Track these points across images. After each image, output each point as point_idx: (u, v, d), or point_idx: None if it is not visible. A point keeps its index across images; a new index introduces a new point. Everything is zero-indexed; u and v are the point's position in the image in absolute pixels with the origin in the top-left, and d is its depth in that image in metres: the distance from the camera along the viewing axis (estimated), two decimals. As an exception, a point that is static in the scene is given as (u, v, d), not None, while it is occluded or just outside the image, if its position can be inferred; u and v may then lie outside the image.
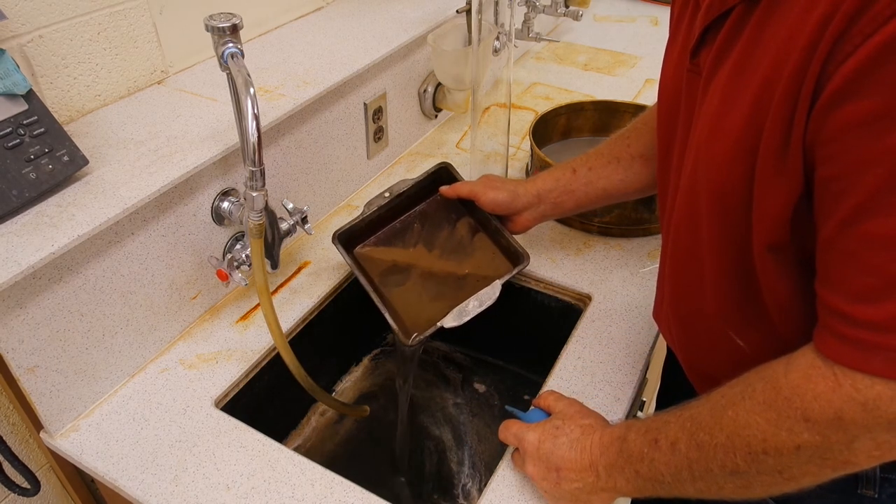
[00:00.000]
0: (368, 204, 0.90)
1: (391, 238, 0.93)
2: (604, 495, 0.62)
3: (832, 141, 0.42)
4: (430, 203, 0.95)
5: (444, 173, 0.94)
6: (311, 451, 0.98)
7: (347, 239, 0.91)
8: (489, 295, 0.85)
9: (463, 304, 0.84)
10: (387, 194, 0.91)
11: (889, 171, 0.40)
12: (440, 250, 0.92)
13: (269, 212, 0.80)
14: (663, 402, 0.92)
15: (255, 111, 0.67)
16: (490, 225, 0.90)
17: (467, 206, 0.92)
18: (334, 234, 0.89)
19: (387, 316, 0.83)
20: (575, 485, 0.62)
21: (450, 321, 0.83)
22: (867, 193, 0.41)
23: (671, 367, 0.89)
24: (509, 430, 0.69)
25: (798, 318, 0.54)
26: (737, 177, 0.50)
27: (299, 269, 0.98)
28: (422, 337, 0.83)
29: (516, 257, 0.89)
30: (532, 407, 0.73)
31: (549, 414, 0.70)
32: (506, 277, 0.86)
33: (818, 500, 0.63)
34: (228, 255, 0.85)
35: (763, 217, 0.50)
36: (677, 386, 0.78)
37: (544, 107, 1.26)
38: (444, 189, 0.91)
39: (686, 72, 0.56)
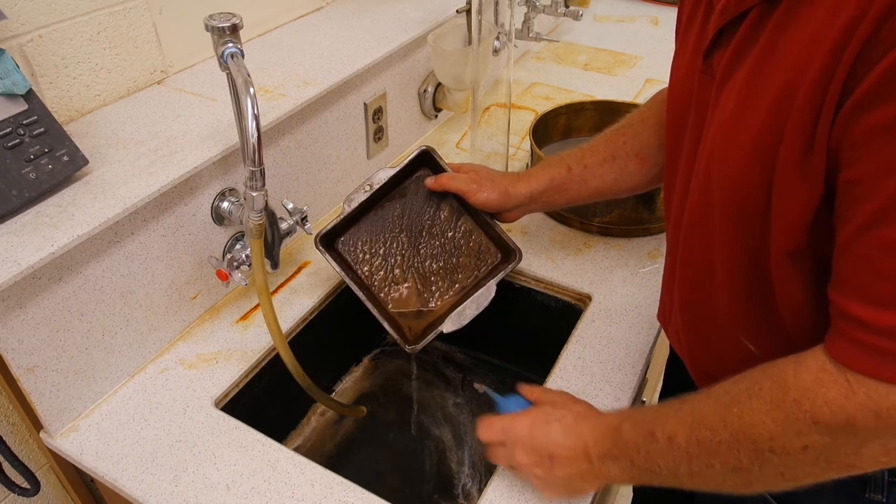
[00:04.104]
0: (349, 199, 0.86)
1: (376, 230, 0.89)
2: (597, 482, 0.62)
3: (858, 145, 0.42)
4: (412, 188, 0.90)
5: (426, 158, 0.89)
6: (311, 451, 0.98)
7: (331, 239, 0.87)
8: (485, 296, 0.85)
9: (460, 307, 0.84)
10: (367, 188, 0.86)
11: None
12: (428, 240, 0.90)
13: (269, 212, 0.80)
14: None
15: (255, 111, 0.67)
16: (478, 214, 0.88)
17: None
18: (316, 237, 0.85)
19: (385, 325, 0.82)
20: (568, 471, 0.62)
21: (449, 326, 0.83)
22: (889, 198, 0.41)
23: (674, 368, 0.89)
24: (494, 427, 0.67)
25: (812, 324, 0.54)
26: (753, 181, 0.50)
27: (299, 269, 0.98)
28: (422, 344, 0.83)
29: (508, 252, 0.88)
30: (512, 394, 0.72)
31: (529, 403, 0.69)
32: (500, 276, 0.86)
33: None
34: (228, 255, 0.85)
35: (783, 222, 0.49)
36: (680, 388, 0.77)
37: (544, 107, 1.26)
38: (429, 183, 0.87)
39: (698, 73, 0.56)
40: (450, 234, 0.90)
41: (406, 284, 0.89)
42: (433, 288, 0.89)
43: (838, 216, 0.46)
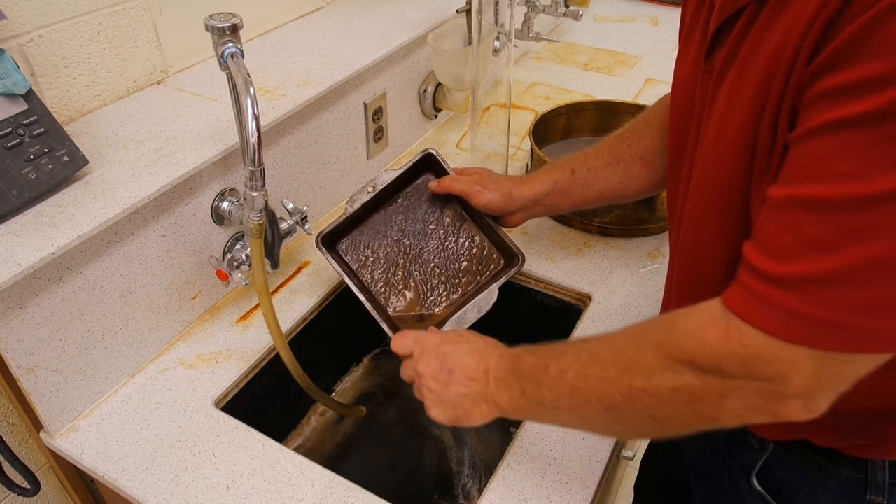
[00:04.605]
0: (351, 200, 0.86)
1: (378, 233, 0.89)
2: (485, 408, 0.63)
3: (803, 110, 0.43)
4: (415, 192, 0.91)
5: (429, 161, 0.88)
6: (311, 451, 0.98)
7: (333, 240, 0.87)
8: (487, 300, 0.84)
9: (461, 311, 0.84)
10: (370, 189, 0.86)
11: (832, 140, 0.40)
12: (430, 245, 0.90)
13: (269, 212, 0.80)
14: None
15: (255, 111, 0.67)
16: (481, 219, 0.88)
17: (454, 194, 0.88)
18: (318, 237, 0.85)
19: (384, 327, 0.82)
20: (462, 390, 0.63)
21: (449, 329, 0.83)
22: (810, 157, 0.42)
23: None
24: (408, 336, 0.69)
25: None
26: (738, 175, 0.50)
27: (299, 269, 0.98)
28: None
29: (510, 256, 0.88)
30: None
31: None
32: (502, 280, 0.86)
33: None
34: (228, 255, 0.85)
35: (759, 212, 0.50)
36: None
37: (544, 107, 1.26)
38: (433, 186, 0.87)
39: (701, 73, 0.56)
40: (452, 238, 0.90)
41: (407, 289, 0.89)
42: (435, 293, 0.89)
43: None
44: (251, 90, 0.67)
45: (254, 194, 0.71)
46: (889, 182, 0.38)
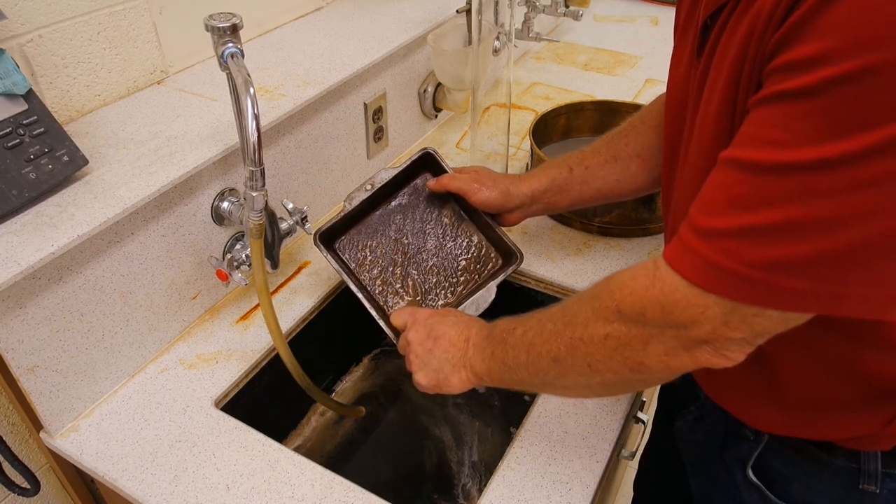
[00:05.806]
0: (349, 197, 0.86)
1: (376, 232, 0.90)
2: (463, 373, 0.68)
3: (762, 84, 0.45)
4: (413, 191, 0.91)
5: (428, 160, 0.89)
6: (311, 451, 0.98)
7: (331, 237, 0.87)
8: (485, 298, 0.84)
9: (459, 308, 0.84)
10: (368, 186, 0.86)
11: (771, 110, 0.42)
12: (428, 244, 0.90)
13: (269, 212, 0.80)
14: (664, 400, 0.92)
15: (255, 111, 0.67)
16: (480, 218, 0.88)
17: (453, 193, 0.88)
18: (316, 234, 0.85)
19: (382, 325, 0.82)
20: (444, 355, 0.68)
21: None
22: (751, 124, 0.44)
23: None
24: (404, 311, 0.76)
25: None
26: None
27: (299, 269, 0.98)
28: None
29: (509, 254, 0.88)
30: None
31: None
32: (500, 278, 0.86)
33: (821, 497, 0.63)
34: (228, 255, 0.85)
35: None
36: (679, 384, 0.78)
37: (544, 107, 1.26)
38: (431, 185, 0.88)
39: (693, 70, 0.57)
40: (451, 238, 0.90)
41: (405, 288, 0.89)
42: (433, 292, 0.89)
43: None
44: (251, 90, 0.67)
45: (254, 194, 0.71)
46: (809, 153, 0.40)
